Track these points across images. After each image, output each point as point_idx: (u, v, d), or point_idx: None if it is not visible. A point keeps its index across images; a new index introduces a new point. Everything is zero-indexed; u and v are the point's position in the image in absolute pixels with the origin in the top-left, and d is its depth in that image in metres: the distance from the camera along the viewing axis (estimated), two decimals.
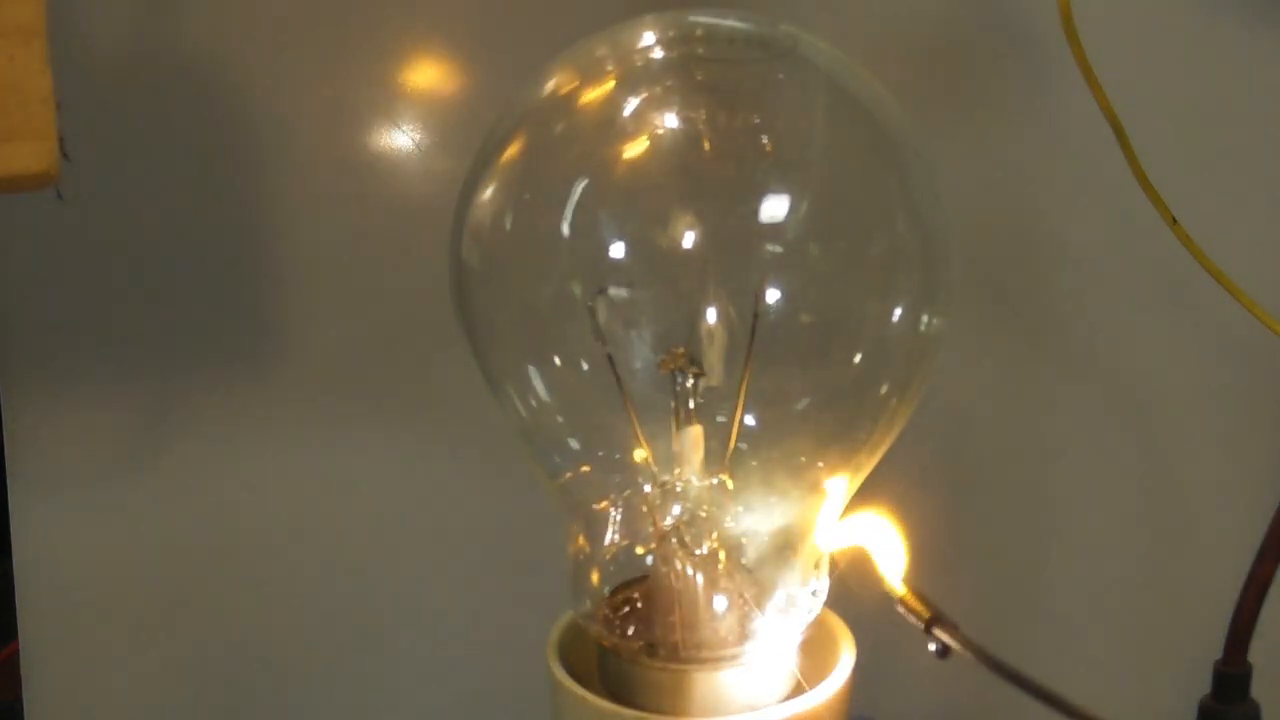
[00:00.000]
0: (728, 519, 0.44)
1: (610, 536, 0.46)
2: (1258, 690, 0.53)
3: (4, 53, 0.38)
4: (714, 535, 0.44)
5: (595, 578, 0.45)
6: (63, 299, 0.61)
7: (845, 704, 0.43)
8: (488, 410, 0.47)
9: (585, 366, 0.44)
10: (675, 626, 0.43)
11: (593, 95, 0.45)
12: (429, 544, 0.65)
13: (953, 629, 0.40)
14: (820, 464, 0.45)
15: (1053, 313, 0.64)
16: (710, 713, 0.42)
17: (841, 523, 0.44)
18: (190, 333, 0.62)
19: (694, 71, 0.44)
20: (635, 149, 0.44)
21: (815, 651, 0.44)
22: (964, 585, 0.68)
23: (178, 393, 0.63)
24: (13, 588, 0.63)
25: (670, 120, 0.44)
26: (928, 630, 0.40)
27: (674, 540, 0.44)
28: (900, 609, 0.41)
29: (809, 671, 0.44)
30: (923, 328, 0.45)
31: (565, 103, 0.45)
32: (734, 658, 0.43)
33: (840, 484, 0.45)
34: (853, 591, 0.45)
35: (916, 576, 0.66)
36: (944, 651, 0.39)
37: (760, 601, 0.44)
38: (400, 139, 0.61)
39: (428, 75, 0.61)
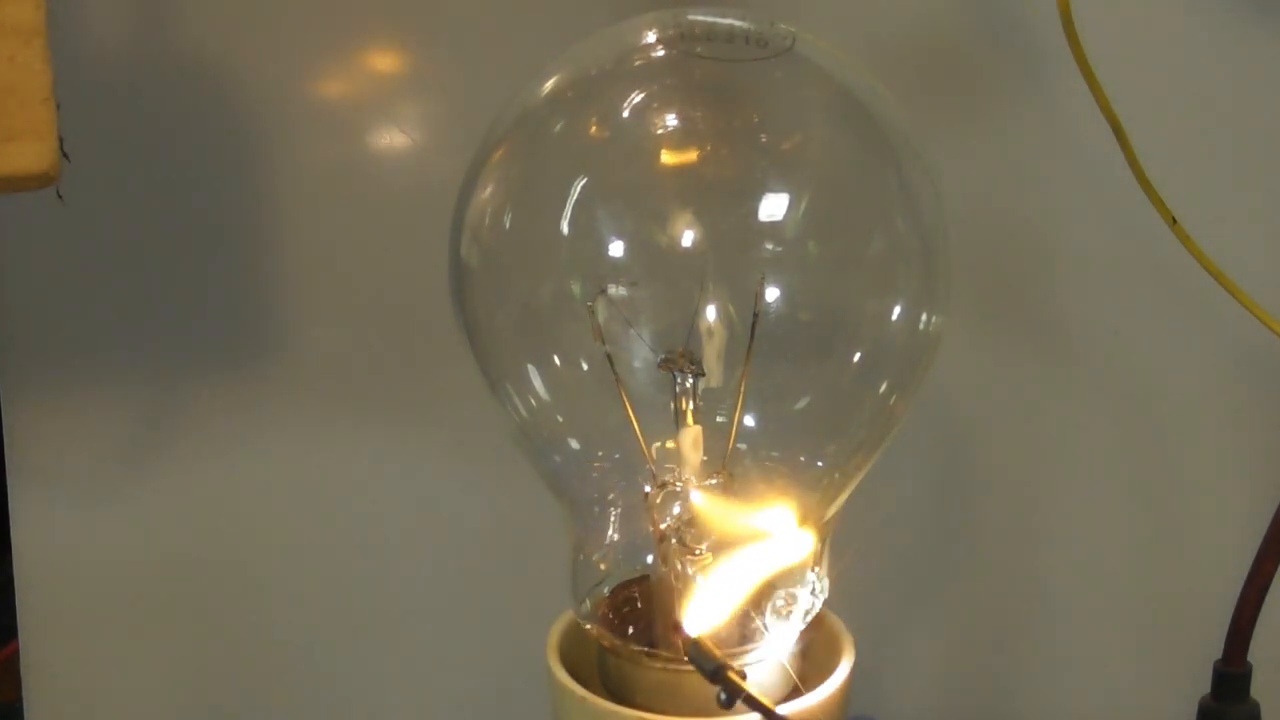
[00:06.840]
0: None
1: (610, 536, 0.46)
2: (1258, 690, 0.53)
3: (4, 53, 0.38)
4: (714, 535, 0.44)
5: (595, 577, 0.45)
6: (63, 299, 0.61)
7: (844, 704, 0.43)
8: (487, 410, 0.47)
9: (585, 366, 0.44)
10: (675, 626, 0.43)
11: (592, 93, 0.45)
12: (429, 544, 0.65)
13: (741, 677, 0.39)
14: (819, 463, 0.45)
15: (1053, 313, 0.64)
16: (710, 713, 0.42)
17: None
18: (190, 332, 0.62)
19: (693, 70, 0.44)
20: (634, 147, 0.44)
21: (815, 652, 0.44)
22: (963, 585, 0.68)
23: (177, 393, 0.62)
24: (13, 588, 0.63)
25: (669, 119, 0.44)
26: (714, 678, 0.39)
27: (674, 540, 0.44)
28: (690, 654, 0.40)
29: (809, 672, 0.44)
30: (922, 326, 0.45)
31: (564, 101, 0.45)
32: (734, 658, 0.42)
33: (838, 481, 0.45)
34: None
35: (916, 576, 0.67)
36: (730, 702, 0.39)
37: (760, 602, 0.43)
38: (399, 138, 0.61)
39: (427, 74, 0.61)
